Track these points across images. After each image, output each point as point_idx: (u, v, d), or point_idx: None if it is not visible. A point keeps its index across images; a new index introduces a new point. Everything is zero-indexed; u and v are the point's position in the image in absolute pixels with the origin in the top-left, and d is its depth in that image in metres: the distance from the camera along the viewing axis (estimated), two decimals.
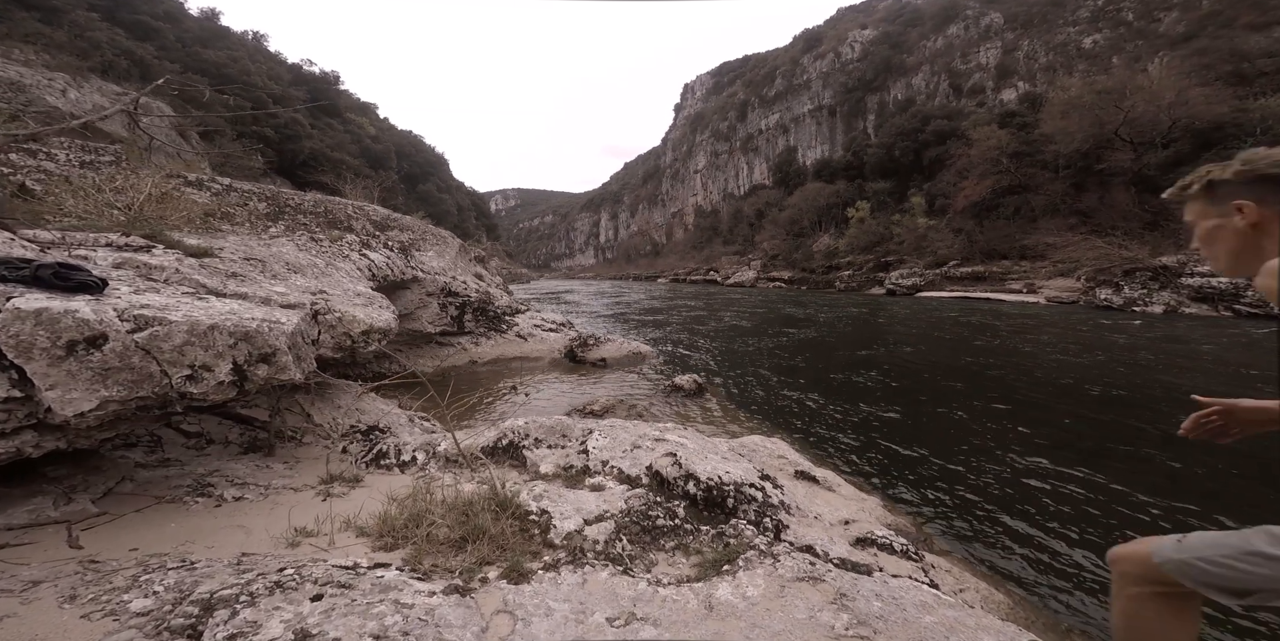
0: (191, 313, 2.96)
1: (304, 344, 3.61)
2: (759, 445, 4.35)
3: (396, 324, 5.07)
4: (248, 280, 4.23)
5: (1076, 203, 36.75)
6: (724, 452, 3.77)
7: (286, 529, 2.72)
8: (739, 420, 7.21)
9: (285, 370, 3.17)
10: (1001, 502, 4.75)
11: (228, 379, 2.91)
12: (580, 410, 6.85)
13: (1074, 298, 26.62)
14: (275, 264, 4.94)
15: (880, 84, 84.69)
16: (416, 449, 4.08)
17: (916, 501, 4.85)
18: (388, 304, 5.42)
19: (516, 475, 3.61)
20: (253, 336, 3.06)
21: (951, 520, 4.46)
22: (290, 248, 5.54)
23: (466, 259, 13.80)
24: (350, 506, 3.08)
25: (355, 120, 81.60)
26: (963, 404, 8.03)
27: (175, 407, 2.82)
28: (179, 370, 2.75)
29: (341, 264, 5.93)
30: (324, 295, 4.81)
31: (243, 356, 3.00)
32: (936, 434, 6.77)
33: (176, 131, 18.27)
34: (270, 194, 8.58)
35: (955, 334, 16.18)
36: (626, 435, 3.78)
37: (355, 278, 5.87)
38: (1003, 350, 12.99)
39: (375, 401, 5.26)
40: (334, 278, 5.34)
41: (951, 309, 25.62)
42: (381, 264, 7.26)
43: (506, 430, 4.02)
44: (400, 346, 9.22)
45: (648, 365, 10.87)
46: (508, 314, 11.64)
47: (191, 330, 2.84)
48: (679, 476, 3.18)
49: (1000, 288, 32.78)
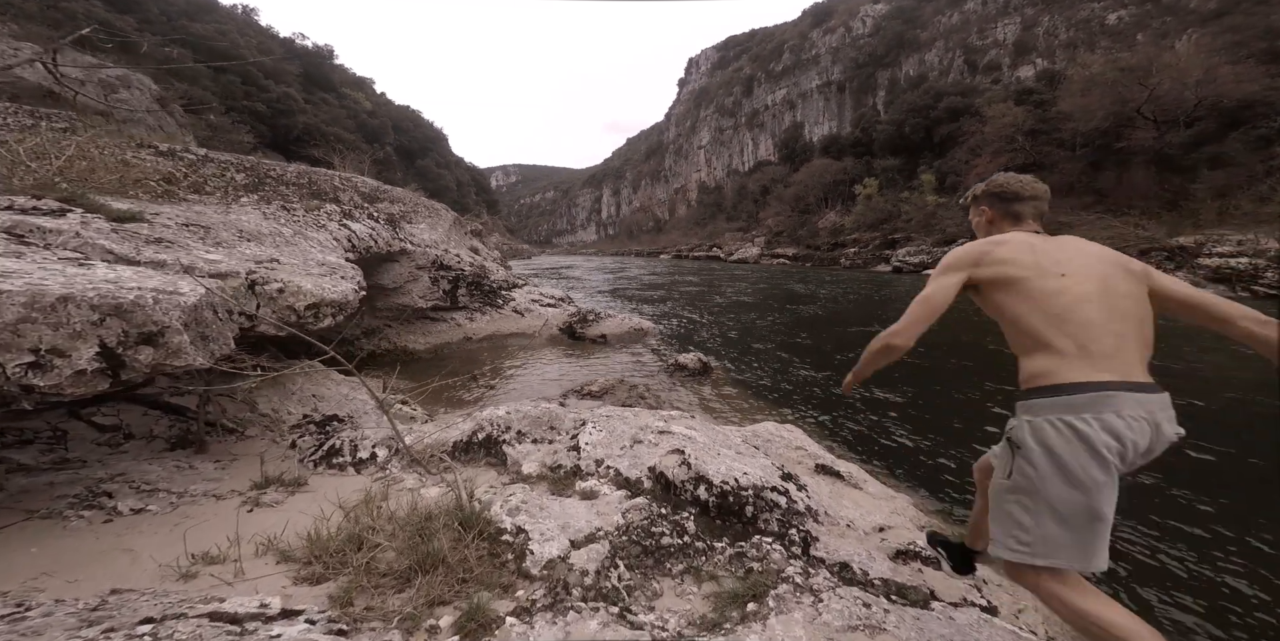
0: (44, 281, 2.32)
1: (217, 320, 3.02)
2: (774, 434, 3.83)
3: (357, 297, 4.41)
4: (175, 247, 3.63)
5: (1093, 182, 35.86)
6: (737, 445, 3.24)
7: (185, 553, 2.17)
8: (747, 402, 6.72)
9: (179, 353, 2.52)
10: None
11: (92, 366, 2.26)
12: (578, 391, 6.36)
13: None
14: (225, 231, 4.35)
15: (892, 60, 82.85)
16: (377, 444, 3.51)
17: (944, 497, 4.31)
18: (355, 275, 4.75)
19: (495, 476, 3.10)
20: (129, 311, 2.37)
21: None
22: (255, 216, 4.92)
23: (461, 232, 13.17)
24: (280, 519, 2.54)
25: (351, 95, 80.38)
26: (976, 385, 7.49)
27: (21, 405, 2.18)
28: (16, 357, 2.10)
29: (314, 234, 5.31)
30: (273, 264, 4.22)
31: (115, 336, 2.33)
32: (952, 418, 6.26)
33: (158, 104, 17.51)
34: (250, 164, 8.04)
35: (962, 312, 15.50)
36: (626, 427, 3.24)
37: (328, 248, 5.26)
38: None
39: (339, 385, 4.68)
40: (300, 247, 4.71)
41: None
42: (364, 235, 6.64)
43: (484, 422, 3.45)
44: (390, 321, 8.68)
45: (650, 342, 10.34)
46: (504, 288, 11.06)
47: (32, 303, 2.17)
48: (688, 479, 2.68)
49: None
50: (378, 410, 4.34)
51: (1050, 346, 1.62)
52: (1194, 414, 6.39)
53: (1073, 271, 1.68)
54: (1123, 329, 1.62)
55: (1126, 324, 1.63)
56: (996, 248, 1.77)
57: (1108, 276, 1.69)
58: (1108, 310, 1.63)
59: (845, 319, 14.70)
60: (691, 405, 6.29)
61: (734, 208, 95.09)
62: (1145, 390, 1.57)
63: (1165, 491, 4.38)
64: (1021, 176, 2.05)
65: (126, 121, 13.76)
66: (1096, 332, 1.59)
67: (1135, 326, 1.64)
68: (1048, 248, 1.76)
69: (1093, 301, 1.63)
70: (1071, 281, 1.66)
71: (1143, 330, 1.66)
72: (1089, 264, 1.72)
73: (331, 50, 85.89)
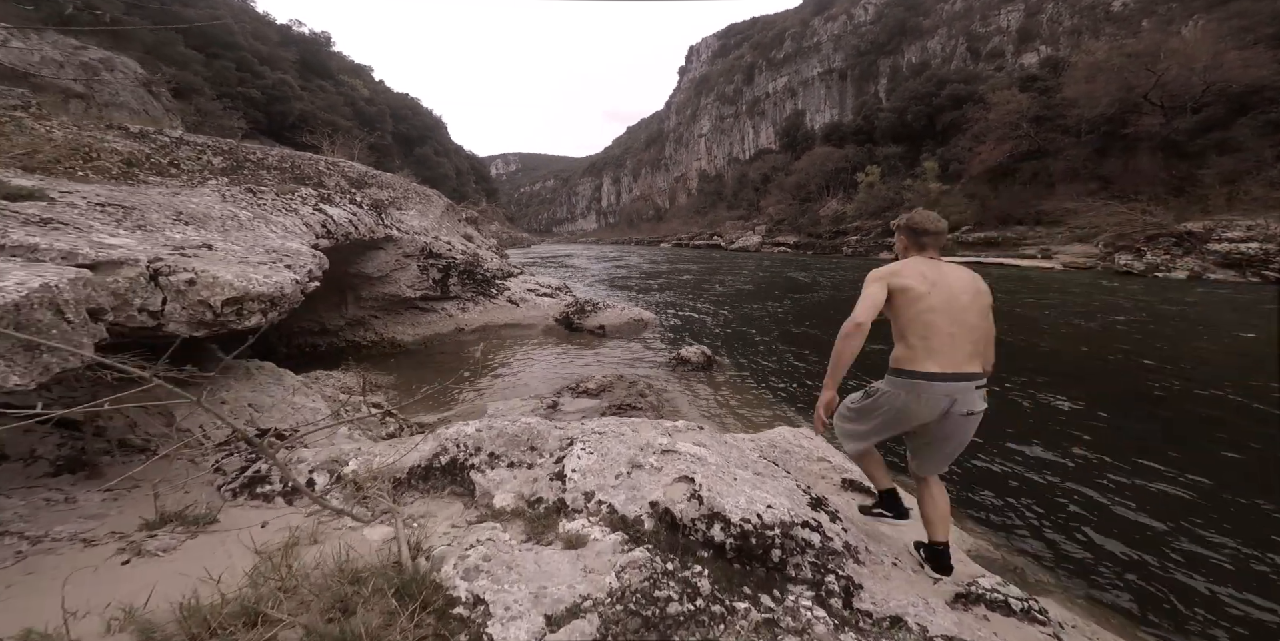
0: None
1: (63, 323, 2.41)
2: (791, 444, 3.46)
3: (296, 288, 3.80)
4: (67, 229, 3.12)
5: (1098, 168, 35.49)
6: (754, 463, 2.75)
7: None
8: (755, 399, 6.34)
9: None
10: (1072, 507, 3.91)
11: None
12: (573, 388, 5.99)
13: (1091, 263, 26.05)
14: (157, 213, 3.90)
15: (894, 47, 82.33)
16: (317, 467, 2.92)
17: (983, 505, 4.00)
18: (306, 263, 4.18)
19: (460, 509, 2.55)
20: None
21: (1025, 535, 3.60)
22: (212, 198, 4.50)
23: (455, 219, 12.82)
24: (160, 575, 1.99)
25: (348, 82, 79.58)
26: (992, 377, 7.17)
27: None
28: None
29: (279, 218, 4.88)
30: (200, 251, 3.67)
31: None
32: None
33: (145, 88, 17.07)
34: (228, 147, 7.76)
35: None
36: (622, 447, 2.69)
37: (293, 233, 4.82)
38: (1024, 316, 12.07)
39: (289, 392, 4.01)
40: (257, 232, 4.27)
41: None
42: (342, 220, 6.26)
43: (449, 441, 2.83)
44: (376, 312, 8.34)
45: (650, 333, 10.02)
46: (498, 277, 10.71)
47: None
48: (699, 516, 2.20)
49: (1014, 253, 32.19)
50: (336, 419, 3.74)
51: (906, 341, 2.36)
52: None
53: (936, 290, 2.35)
54: (957, 332, 2.30)
55: (960, 329, 2.31)
56: (901, 268, 2.45)
57: (958, 295, 2.36)
58: (949, 319, 2.30)
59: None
60: (694, 402, 5.96)
61: (735, 196, 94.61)
62: (958, 379, 2.28)
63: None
64: (930, 216, 2.62)
65: (108, 105, 13.38)
66: (936, 334, 2.29)
67: (967, 332, 2.33)
68: (928, 270, 2.42)
69: (939, 312, 2.30)
70: (933, 297, 2.32)
71: (973, 335, 2.35)
72: (949, 285, 2.38)
73: (329, 37, 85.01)
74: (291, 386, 4.08)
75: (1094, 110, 35.98)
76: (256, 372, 4.02)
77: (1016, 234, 34.08)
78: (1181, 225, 23.49)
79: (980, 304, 2.43)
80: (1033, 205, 35.82)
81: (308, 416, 3.67)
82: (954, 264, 2.54)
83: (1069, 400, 6.20)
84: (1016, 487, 4.27)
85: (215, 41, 48.74)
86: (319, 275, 4.06)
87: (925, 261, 2.51)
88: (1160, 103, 33.14)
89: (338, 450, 2.91)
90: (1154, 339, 9.30)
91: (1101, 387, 6.77)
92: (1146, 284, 19.27)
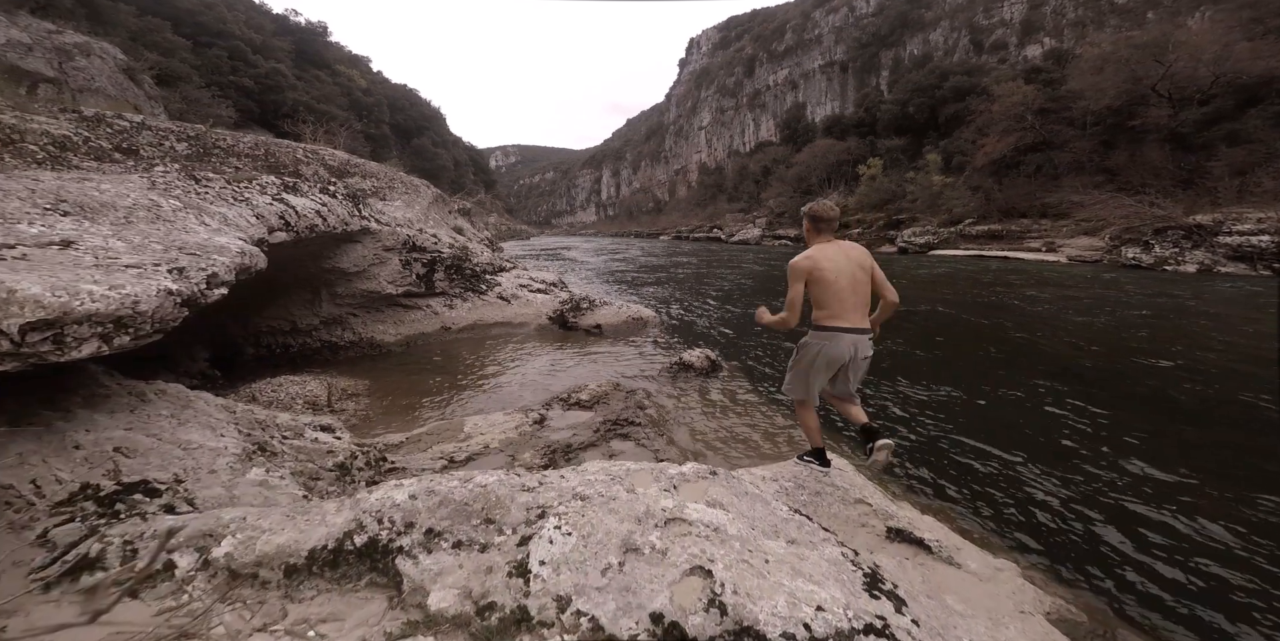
0: None
1: None
2: (820, 480, 3.00)
3: (171, 301, 2.84)
4: None
5: (1104, 160, 35.05)
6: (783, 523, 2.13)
7: None
8: (763, 407, 5.75)
9: None
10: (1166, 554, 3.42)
11: None
12: (564, 400, 5.43)
13: (1097, 257, 25.77)
14: (20, 201, 3.20)
15: (896, 39, 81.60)
16: (184, 543, 2.07)
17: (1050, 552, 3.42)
18: (210, 268, 3.26)
19: (381, 611, 1.83)
20: None
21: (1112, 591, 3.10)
22: (136, 186, 3.86)
23: (445, 211, 12.34)
24: None
25: (345, 72, 78.90)
26: (1014, 378, 6.72)
27: None
28: None
29: (221, 208, 4.29)
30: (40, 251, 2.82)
31: None
32: (995, 420, 5.48)
33: (125, 75, 16.51)
34: (194, 134, 7.33)
35: (981, 294, 14.75)
36: (613, 519, 1.93)
37: (232, 226, 4.23)
38: (1033, 312, 11.63)
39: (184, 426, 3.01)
40: (177, 224, 3.65)
41: (969, 268, 24.41)
42: (307, 211, 5.71)
43: (369, 513, 2.00)
44: (355, 310, 7.84)
45: (650, 333, 9.49)
46: (489, 272, 10.21)
47: None
48: (722, 634, 1.56)
49: (1018, 246, 31.75)
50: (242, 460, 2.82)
51: (823, 307, 3.22)
52: None
53: (841, 273, 3.17)
54: (852, 298, 3.18)
55: (855, 295, 3.19)
56: (816, 260, 3.20)
57: (850, 269, 3.20)
58: (847, 288, 3.17)
59: None
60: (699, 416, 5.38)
61: (735, 189, 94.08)
62: (855, 332, 3.19)
63: None
64: (828, 205, 3.45)
65: (83, 90, 12.90)
66: (842, 300, 3.16)
67: (861, 299, 3.22)
68: (829, 252, 3.24)
69: (841, 283, 3.16)
70: (840, 280, 3.16)
71: (862, 298, 3.24)
72: (842, 262, 3.20)
73: (325, 27, 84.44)
74: (201, 416, 3.12)
75: (1100, 102, 35.54)
76: (154, 399, 3.08)
77: (1021, 227, 33.62)
78: (1190, 218, 23.04)
79: (867, 276, 3.28)
80: (1037, 198, 35.39)
81: (204, 459, 2.72)
82: (847, 242, 3.39)
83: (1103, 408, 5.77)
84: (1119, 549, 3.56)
85: (207, 30, 48.03)
86: (231, 279, 3.28)
87: (829, 246, 3.31)
88: (1168, 94, 32.64)
89: (213, 519, 2.00)
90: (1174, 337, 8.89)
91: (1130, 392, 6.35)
92: (1155, 278, 18.87)
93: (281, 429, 3.33)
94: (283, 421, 3.42)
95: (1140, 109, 33.58)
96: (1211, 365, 7.30)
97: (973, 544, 2.81)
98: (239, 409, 3.27)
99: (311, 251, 6.58)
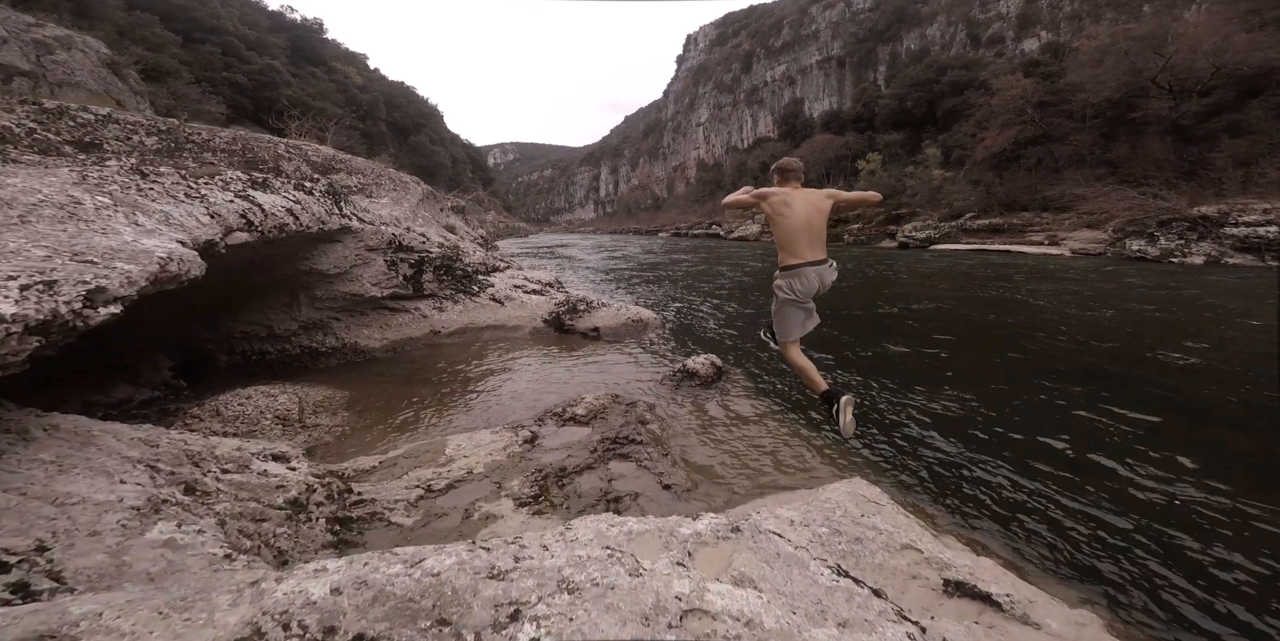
0: None
1: None
2: (860, 522, 2.40)
3: None
4: None
5: (1105, 153, 34.76)
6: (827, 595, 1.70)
7: None
8: (777, 422, 5.25)
9: None
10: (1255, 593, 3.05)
11: None
12: (558, 414, 4.96)
13: (1100, 249, 25.41)
14: None
15: (892, 34, 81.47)
16: None
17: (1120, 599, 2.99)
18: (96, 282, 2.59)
19: None
20: None
21: None
22: (58, 180, 3.31)
23: (436, 209, 11.94)
24: None
25: (341, 69, 78.44)
26: (1031, 381, 6.34)
27: None
28: None
29: (164, 205, 3.76)
30: None
31: None
32: (1019, 431, 5.09)
33: (109, 69, 16.08)
34: (166, 128, 6.92)
35: (985, 289, 14.36)
36: (611, 621, 1.39)
37: (172, 226, 3.75)
38: (1047, 308, 11.26)
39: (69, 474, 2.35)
40: (95, 225, 3.13)
41: (970, 261, 24.13)
42: (276, 209, 5.24)
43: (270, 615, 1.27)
44: (337, 313, 7.42)
45: (650, 336, 9.04)
46: (481, 272, 9.78)
47: None
48: None
49: (1020, 240, 31.43)
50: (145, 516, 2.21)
51: (784, 248, 3.72)
52: None
53: (793, 210, 3.64)
54: (807, 236, 3.63)
55: (810, 234, 3.64)
56: (772, 193, 3.72)
57: (807, 211, 3.65)
58: (802, 228, 3.62)
59: (854, 300, 13.59)
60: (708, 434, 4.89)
61: (733, 185, 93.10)
62: (817, 264, 3.64)
63: None
64: (788, 159, 4.03)
65: (62, 84, 12.51)
66: (798, 240, 3.62)
67: (813, 234, 3.66)
68: (790, 198, 3.68)
69: (798, 224, 3.62)
70: (794, 219, 3.63)
71: (818, 235, 3.68)
72: (800, 205, 3.66)
73: (321, 24, 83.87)
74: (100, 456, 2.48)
75: (1100, 94, 35.33)
76: (40, 437, 2.47)
77: (1022, 220, 33.29)
78: (1195, 209, 22.79)
79: (824, 218, 3.73)
80: (1038, 191, 35.04)
81: (84, 517, 2.05)
82: (809, 189, 3.82)
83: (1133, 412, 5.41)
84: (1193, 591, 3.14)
85: (200, 26, 47.52)
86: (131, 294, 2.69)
87: (789, 191, 3.75)
88: (1169, 86, 32.37)
89: (57, 615, 1.27)
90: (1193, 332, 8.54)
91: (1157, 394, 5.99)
92: (1162, 270, 18.52)
93: (221, 461, 2.81)
94: (224, 452, 2.89)
95: (1140, 101, 33.37)
96: (1235, 362, 6.95)
97: (1044, 592, 2.40)
98: (165, 440, 2.72)
99: (286, 252, 6.18)
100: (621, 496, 3.52)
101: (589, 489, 3.57)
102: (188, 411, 4.80)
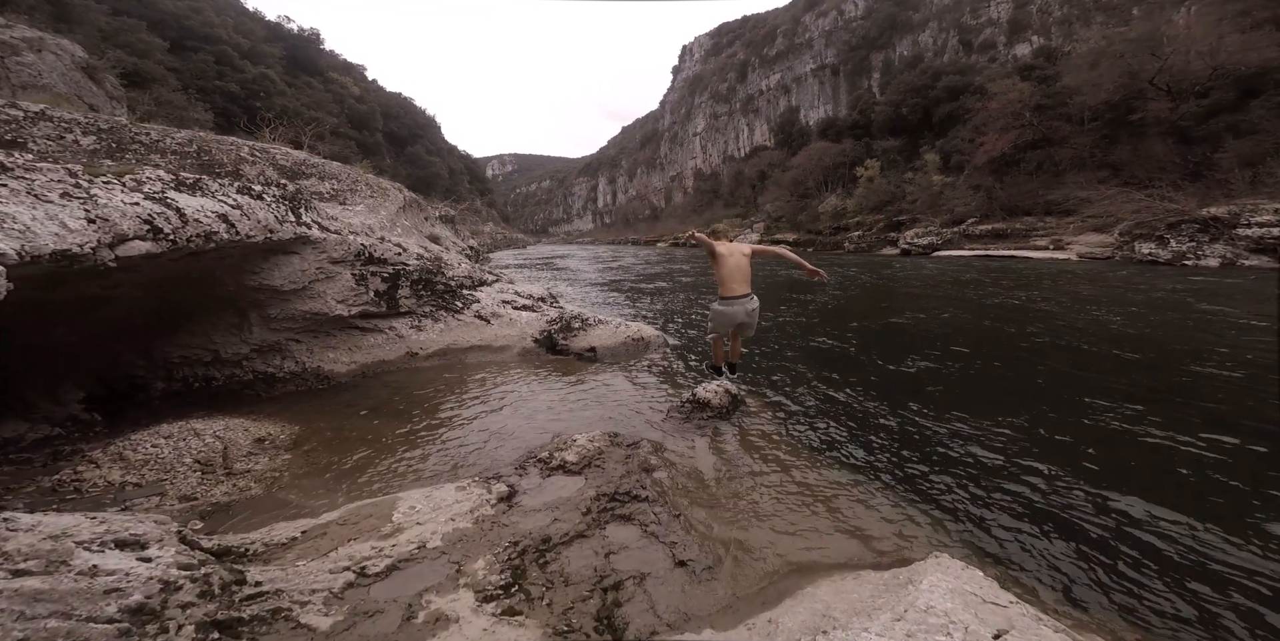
0: None
1: None
2: None
3: None
4: None
5: (1107, 155, 34.42)
6: None
7: None
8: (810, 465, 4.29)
9: None
10: None
11: None
12: (544, 461, 3.97)
13: (1108, 253, 25.13)
14: None
15: (885, 41, 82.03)
16: None
17: None
18: None
19: None
20: None
21: None
22: None
23: (420, 218, 11.17)
24: None
25: (338, 80, 78.39)
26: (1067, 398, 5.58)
27: None
28: None
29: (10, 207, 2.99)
30: None
31: None
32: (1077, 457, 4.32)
33: (84, 73, 15.40)
34: (109, 126, 6.20)
35: (996, 296, 13.59)
36: None
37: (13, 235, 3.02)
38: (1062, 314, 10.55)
39: None
40: None
41: (976, 268, 23.53)
42: (204, 215, 4.29)
43: None
44: (297, 335, 6.56)
45: (653, 356, 8.11)
46: (466, 286, 8.89)
47: None
48: None
49: (1025, 244, 31.08)
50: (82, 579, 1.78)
51: (720, 284, 5.40)
52: None
53: (729, 261, 5.31)
54: (738, 276, 5.32)
55: (739, 274, 5.32)
56: (717, 244, 5.35)
57: (736, 258, 5.34)
58: (734, 270, 5.30)
59: (859, 310, 12.86)
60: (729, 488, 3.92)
61: (731, 194, 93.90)
62: (740, 298, 5.34)
63: None
64: (719, 225, 6.37)
65: (26, 87, 11.86)
66: (729, 279, 5.31)
67: (744, 277, 5.35)
68: (726, 251, 5.34)
69: (729, 267, 5.30)
70: (729, 264, 5.30)
71: (744, 276, 5.36)
72: (735, 257, 5.35)
73: (318, 34, 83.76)
74: None
75: (1097, 97, 35.39)
76: None
77: (1026, 225, 32.85)
78: (1205, 210, 22.35)
79: (748, 262, 5.42)
80: (1040, 195, 34.68)
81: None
82: (735, 243, 5.56)
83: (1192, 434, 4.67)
84: None
85: (193, 34, 47.09)
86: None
87: (724, 244, 5.42)
88: (1167, 88, 32.15)
89: None
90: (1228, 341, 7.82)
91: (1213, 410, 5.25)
92: (1176, 274, 17.96)
93: (19, 557, 1.87)
94: (26, 546, 1.90)
95: (1139, 103, 33.30)
96: None
97: None
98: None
99: (229, 265, 5.33)
100: (622, 581, 2.67)
101: (579, 569, 2.73)
102: (86, 454, 3.97)
